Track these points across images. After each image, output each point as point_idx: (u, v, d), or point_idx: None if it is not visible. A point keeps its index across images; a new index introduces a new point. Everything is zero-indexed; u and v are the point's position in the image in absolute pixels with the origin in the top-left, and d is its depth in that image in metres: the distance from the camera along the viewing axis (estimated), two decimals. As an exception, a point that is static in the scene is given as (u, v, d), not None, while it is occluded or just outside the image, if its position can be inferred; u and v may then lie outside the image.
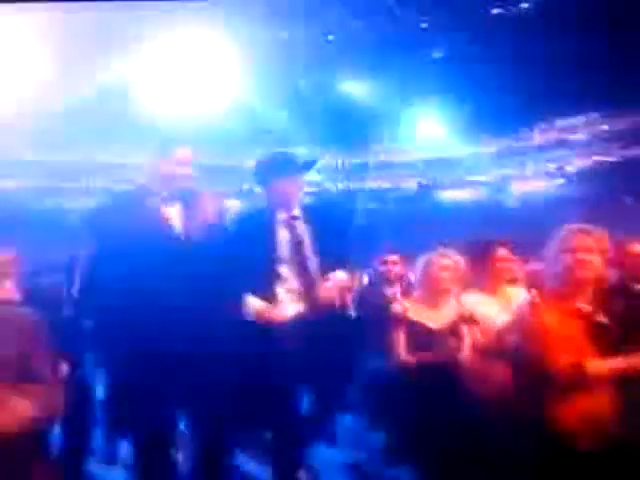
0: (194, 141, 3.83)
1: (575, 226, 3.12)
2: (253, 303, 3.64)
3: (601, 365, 2.91)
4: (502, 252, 4.06)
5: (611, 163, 9.19)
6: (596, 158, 9.39)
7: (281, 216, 3.84)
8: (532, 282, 4.35)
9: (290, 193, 3.86)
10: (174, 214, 3.64)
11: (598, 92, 7.71)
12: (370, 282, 5.32)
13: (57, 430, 3.88)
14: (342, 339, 3.69)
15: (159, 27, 6.60)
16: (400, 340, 3.90)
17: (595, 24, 6.60)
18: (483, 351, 3.81)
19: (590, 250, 3.02)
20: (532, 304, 3.25)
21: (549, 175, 10.72)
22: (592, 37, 6.59)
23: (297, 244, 3.78)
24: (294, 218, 3.84)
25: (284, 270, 3.72)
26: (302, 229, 3.84)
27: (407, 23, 7.26)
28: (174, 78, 6.40)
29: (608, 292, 3.09)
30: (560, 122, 9.52)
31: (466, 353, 3.86)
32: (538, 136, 10.48)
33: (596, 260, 3.03)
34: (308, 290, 3.70)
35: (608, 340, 2.96)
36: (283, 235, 3.81)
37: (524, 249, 4.31)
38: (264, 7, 6.34)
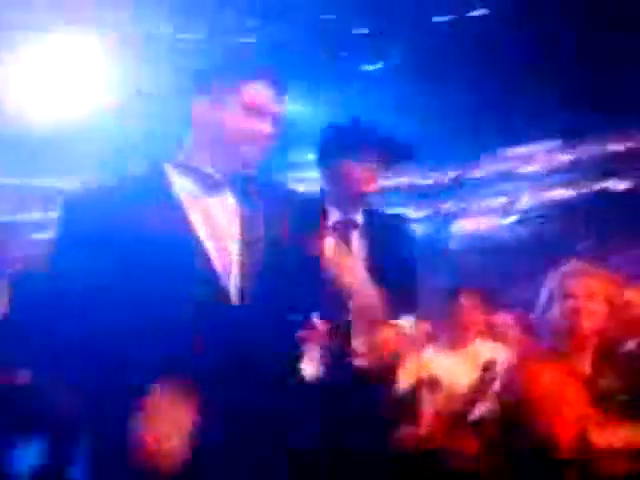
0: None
1: (574, 266, 3.01)
2: None
3: (609, 436, 2.78)
4: (468, 301, 4.05)
5: (571, 199, 9.39)
6: (552, 193, 9.60)
7: (334, 216, 3.13)
8: (505, 336, 4.32)
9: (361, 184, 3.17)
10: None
11: (557, 116, 7.86)
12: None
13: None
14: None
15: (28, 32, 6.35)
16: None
17: (554, 37, 6.75)
18: (449, 421, 3.74)
19: (593, 296, 2.91)
20: (516, 364, 3.14)
21: (497, 212, 10.90)
22: (552, 49, 6.73)
23: None
24: (352, 225, 3.22)
25: None
26: (356, 244, 3.16)
27: (336, 28, 7.20)
28: (43, 85, 6.16)
29: (612, 349, 3.00)
30: (511, 151, 9.69)
31: (428, 424, 3.74)
32: (485, 167, 10.64)
33: (600, 309, 2.92)
34: None
35: (613, 408, 2.85)
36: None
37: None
38: (145, 7, 6.18)
